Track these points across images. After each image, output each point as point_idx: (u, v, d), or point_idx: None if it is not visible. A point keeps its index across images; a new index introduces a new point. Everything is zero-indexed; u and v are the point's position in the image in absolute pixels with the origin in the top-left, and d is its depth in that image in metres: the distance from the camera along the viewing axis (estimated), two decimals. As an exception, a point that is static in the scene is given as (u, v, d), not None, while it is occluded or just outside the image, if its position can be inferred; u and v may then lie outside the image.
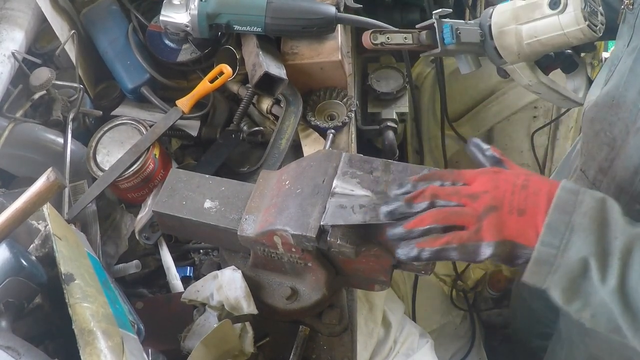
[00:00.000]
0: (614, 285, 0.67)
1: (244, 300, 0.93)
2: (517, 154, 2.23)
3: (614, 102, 0.91)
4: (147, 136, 1.13)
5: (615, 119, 0.90)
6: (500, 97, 1.99)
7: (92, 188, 1.10)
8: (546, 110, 2.04)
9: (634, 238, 0.68)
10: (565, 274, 0.69)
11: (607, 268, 0.68)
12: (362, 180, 0.87)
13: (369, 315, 1.26)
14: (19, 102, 1.15)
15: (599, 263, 0.68)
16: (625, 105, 0.88)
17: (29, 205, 0.81)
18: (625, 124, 0.88)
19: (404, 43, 1.04)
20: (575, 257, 0.68)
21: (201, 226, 0.96)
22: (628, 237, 0.68)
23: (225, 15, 1.18)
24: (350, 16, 1.26)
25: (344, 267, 0.93)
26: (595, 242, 0.68)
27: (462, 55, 1.08)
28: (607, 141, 0.93)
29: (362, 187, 0.86)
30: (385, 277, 0.92)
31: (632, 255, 0.67)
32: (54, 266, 0.78)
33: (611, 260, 0.67)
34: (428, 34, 1.04)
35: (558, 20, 0.97)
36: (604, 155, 0.94)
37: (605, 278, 0.67)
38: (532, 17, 1.00)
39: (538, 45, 1.01)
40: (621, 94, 0.89)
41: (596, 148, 0.96)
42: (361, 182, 0.87)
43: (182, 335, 0.95)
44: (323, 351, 0.97)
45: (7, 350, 0.67)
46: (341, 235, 0.83)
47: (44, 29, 1.30)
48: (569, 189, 0.72)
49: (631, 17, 0.89)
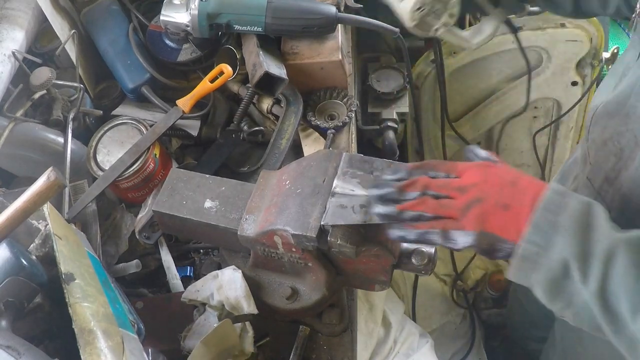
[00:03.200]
0: (595, 288, 0.68)
1: (244, 300, 0.93)
2: (517, 154, 2.23)
3: (623, 112, 0.89)
4: (147, 136, 1.13)
5: (623, 129, 0.89)
6: (500, 97, 1.99)
7: (92, 187, 1.10)
8: (546, 110, 2.04)
9: (617, 243, 0.68)
10: (548, 272, 0.70)
11: (588, 270, 0.68)
12: (363, 180, 0.87)
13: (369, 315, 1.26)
14: (19, 102, 1.15)
15: (580, 265, 0.68)
16: (635, 116, 0.86)
17: (29, 204, 0.81)
18: (634, 135, 0.86)
19: None
20: (557, 257, 0.69)
21: (201, 226, 0.96)
22: (611, 241, 0.69)
23: (226, 15, 1.18)
24: (350, 16, 1.26)
25: (344, 267, 0.93)
26: (577, 244, 0.69)
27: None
28: (615, 151, 0.91)
29: (363, 187, 0.86)
30: (386, 277, 0.92)
31: (614, 259, 0.68)
32: (54, 266, 0.78)
33: (593, 263, 0.68)
34: None
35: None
36: (611, 165, 0.92)
37: (587, 280, 0.68)
38: None
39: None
40: (632, 104, 0.87)
41: (603, 157, 0.95)
42: (361, 182, 0.87)
43: (182, 335, 0.95)
44: (323, 351, 0.97)
45: (7, 350, 0.67)
46: (341, 235, 0.83)
47: (44, 29, 1.30)
48: (557, 191, 0.73)
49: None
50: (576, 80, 1.86)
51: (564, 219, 0.70)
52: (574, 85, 1.88)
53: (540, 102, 2.01)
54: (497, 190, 0.74)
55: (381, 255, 0.87)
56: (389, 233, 0.80)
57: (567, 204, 0.71)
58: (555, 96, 1.94)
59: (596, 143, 0.98)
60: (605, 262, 0.68)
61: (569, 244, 0.69)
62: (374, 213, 0.80)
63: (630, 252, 0.68)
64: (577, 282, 0.69)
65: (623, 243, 0.68)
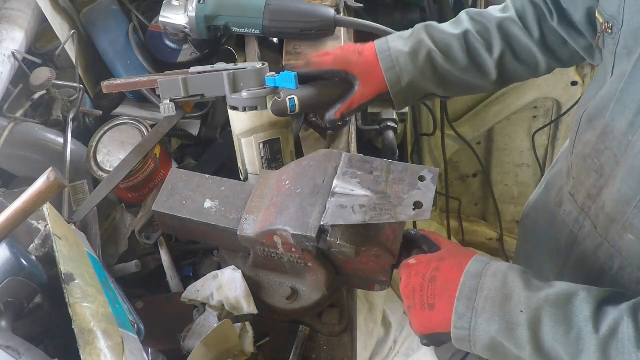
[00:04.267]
0: (531, 351, 0.73)
1: (244, 300, 0.93)
2: (517, 154, 2.23)
3: (601, 129, 0.87)
4: (151, 135, 1.13)
5: (602, 147, 0.87)
6: (500, 97, 2.00)
7: (99, 189, 1.09)
8: (546, 110, 2.04)
9: (539, 305, 0.73)
10: (483, 347, 0.77)
11: (518, 340, 0.73)
12: (362, 180, 0.87)
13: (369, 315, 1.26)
14: (19, 102, 1.15)
15: (508, 338, 0.74)
16: (613, 134, 0.84)
17: (29, 205, 0.81)
18: (614, 154, 0.85)
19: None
20: (485, 336, 0.76)
21: (201, 226, 0.96)
22: (534, 308, 0.73)
23: (223, 17, 1.18)
24: (349, 19, 1.26)
25: (344, 267, 0.93)
26: (498, 321, 0.75)
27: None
28: (595, 168, 0.90)
29: (362, 187, 0.86)
30: (385, 277, 0.92)
31: (540, 322, 0.72)
32: (54, 266, 0.78)
33: (520, 332, 0.73)
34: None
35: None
36: (592, 182, 0.91)
37: (520, 347, 0.74)
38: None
39: None
40: (608, 123, 0.85)
41: (584, 173, 0.94)
42: (361, 182, 0.87)
43: (182, 335, 0.95)
44: (323, 351, 0.97)
45: (7, 350, 0.67)
46: (341, 235, 0.83)
47: (44, 29, 1.30)
48: (472, 274, 0.78)
49: (611, 42, 0.84)
50: (576, 80, 1.86)
51: (481, 302, 0.76)
52: (573, 85, 1.88)
53: (540, 102, 2.01)
54: (419, 292, 0.81)
55: (381, 256, 0.87)
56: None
57: (482, 284, 0.77)
58: (555, 96, 1.94)
59: (578, 157, 0.97)
60: (532, 327, 0.73)
61: (491, 323, 0.75)
62: None
63: (553, 310, 0.72)
64: (513, 351, 0.74)
65: (545, 303, 0.73)
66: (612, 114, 0.84)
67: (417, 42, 1.02)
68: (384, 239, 0.85)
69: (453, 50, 1.02)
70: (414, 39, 1.03)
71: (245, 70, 1.03)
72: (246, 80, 1.02)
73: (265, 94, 1.01)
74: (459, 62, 1.02)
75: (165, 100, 1.04)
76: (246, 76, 1.03)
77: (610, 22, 0.82)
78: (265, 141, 1.05)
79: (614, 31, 0.82)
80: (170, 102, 1.04)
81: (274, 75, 1.01)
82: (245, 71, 1.03)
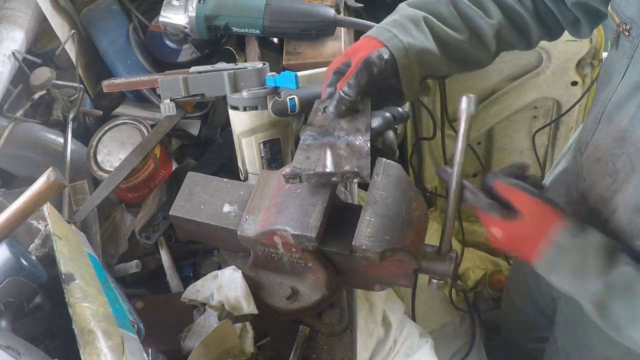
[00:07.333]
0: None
1: (244, 300, 0.93)
2: (517, 153, 2.23)
3: (619, 134, 0.86)
4: (151, 135, 1.13)
5: (619, 151, 0.87)
6: (500, 97, 1.99)
7: (99, 189, 1.09)
8: (546, 110, 2.04)
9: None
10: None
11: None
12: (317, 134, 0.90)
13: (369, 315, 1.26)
14: (19, 102, 1.15)
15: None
16: (632, 140, 0.84)
17: (29, 205, 0.81)
18: (631, 159, 0.84)
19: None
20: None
21: (220, 231, 0.95)
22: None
23: (223, 17, 1.18)
24: (349, 19, 1.26)
25: (364, 272, 0.92)
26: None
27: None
28: (609, 172, 0.89)
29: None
30: (407, 281, 0.91)
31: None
32: (54, 266, 0.78)
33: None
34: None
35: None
36: (606, 186, 0.91)
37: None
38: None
39: None
40: (627, 128, 0.84)
41: (597, 176, 0.93)
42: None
43: (182, 335, 0.95)
44: (323, 351, 0.97)
45: (7, 350, 0.67)
46: (366, 240, 0.82)
47: (44, 29, 1.30)
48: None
49: (628, 45, 0.82)
50: (576, 80, 1.86)
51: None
52: (574, 85, 1.88)
53: (540, 102, 2.01)
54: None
55: (404, 260, 0.86)
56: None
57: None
58: (555, 96, 1.94)
59: (590, 159, 0.96)
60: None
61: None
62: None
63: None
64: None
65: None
66: (633, 120, 0.83)
67: (408, 14, 0.96)
68: (408, 242, 0.84)
69: (443, 14, 0.96)
70: (401, 15, 0.97)
71: (246, 70, 1.03)
72: (246, 80, 1.02)
73: (265, 93, 1.01)
74: (453, 25, 0.96)
75: (165, 99, 1.04)
76: (247, 76, 1.03)
77: (628, 25, 0.79)
78: (265, 141, 1.05)
79: (631, 34, 0.79)
80: (170, 101, 1.04)
81: (274, 75, 1.01)
82: (245, 71, 1.03)
